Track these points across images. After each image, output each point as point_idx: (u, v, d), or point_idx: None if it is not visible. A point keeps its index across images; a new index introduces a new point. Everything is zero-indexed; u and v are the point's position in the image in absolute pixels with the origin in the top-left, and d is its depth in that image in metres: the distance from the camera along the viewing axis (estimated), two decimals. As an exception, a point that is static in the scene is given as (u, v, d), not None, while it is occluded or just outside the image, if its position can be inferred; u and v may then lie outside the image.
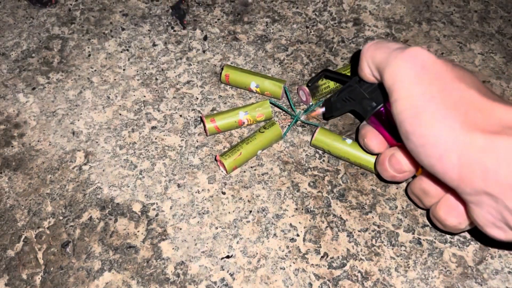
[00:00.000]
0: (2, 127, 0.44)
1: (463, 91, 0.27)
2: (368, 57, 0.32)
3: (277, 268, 0.36)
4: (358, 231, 0.37)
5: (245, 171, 0.40)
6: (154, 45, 0.49)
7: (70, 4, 0.53)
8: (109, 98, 0.45)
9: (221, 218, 0.38)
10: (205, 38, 0.50)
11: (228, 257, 0.36)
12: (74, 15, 0.52)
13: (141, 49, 0.49)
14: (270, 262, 0.36)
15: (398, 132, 0.30)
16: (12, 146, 0.42)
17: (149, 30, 0.50)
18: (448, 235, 0.37)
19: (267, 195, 0.39)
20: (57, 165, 0.41)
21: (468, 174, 0.26)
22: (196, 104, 0.45)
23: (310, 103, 0.43)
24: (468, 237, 0.37)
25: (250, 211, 0.38)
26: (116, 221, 0.38)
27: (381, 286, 0.35)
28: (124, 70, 0.47)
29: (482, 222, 0.27)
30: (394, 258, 0.36)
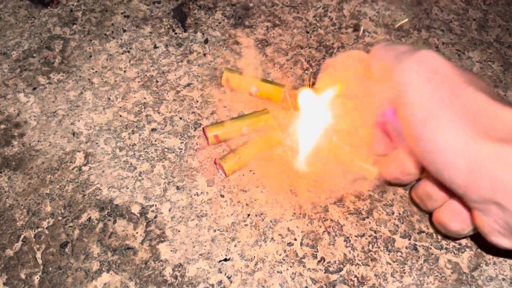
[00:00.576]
0: (2, 127, 0.44)
1: (472, 96, 0.27)
2: (377, 56, 0.32)
3: (274, 271, 0.36)
4: (355, 236, 0.38)
5: (243, 175, 0.41)
6: (155, 47, 0.49)
7: (72, 4, 0.53)
8: (109, 99, 0.45)
9: (219, 221, 0.38)
10: (206, 41, 0.50)
11: (225, 260, 0.36)
12: (76, 16, 0.52)
13: (142, 51, 0.49)
14: (267, 265, 0.36)
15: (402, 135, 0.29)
16: (12, 146, 0.43)
17: (150, 32, 0.51)
18: (443, 242, 0.37)
19: (265, 199, 0.39)
20: (57, 165, 0.41)
21: (476, 182, 0.25)
22: (196, 106, 0.45)
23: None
24: (463, 243, 0.37)
25: (248, 215, 0.38)
26: (115, 222, 0.38)
27: (376, 291, 0.35)
28: (125, 71, 0.48)
29: (487, 230, 0.27)
30: (390, 264, 0.36)
